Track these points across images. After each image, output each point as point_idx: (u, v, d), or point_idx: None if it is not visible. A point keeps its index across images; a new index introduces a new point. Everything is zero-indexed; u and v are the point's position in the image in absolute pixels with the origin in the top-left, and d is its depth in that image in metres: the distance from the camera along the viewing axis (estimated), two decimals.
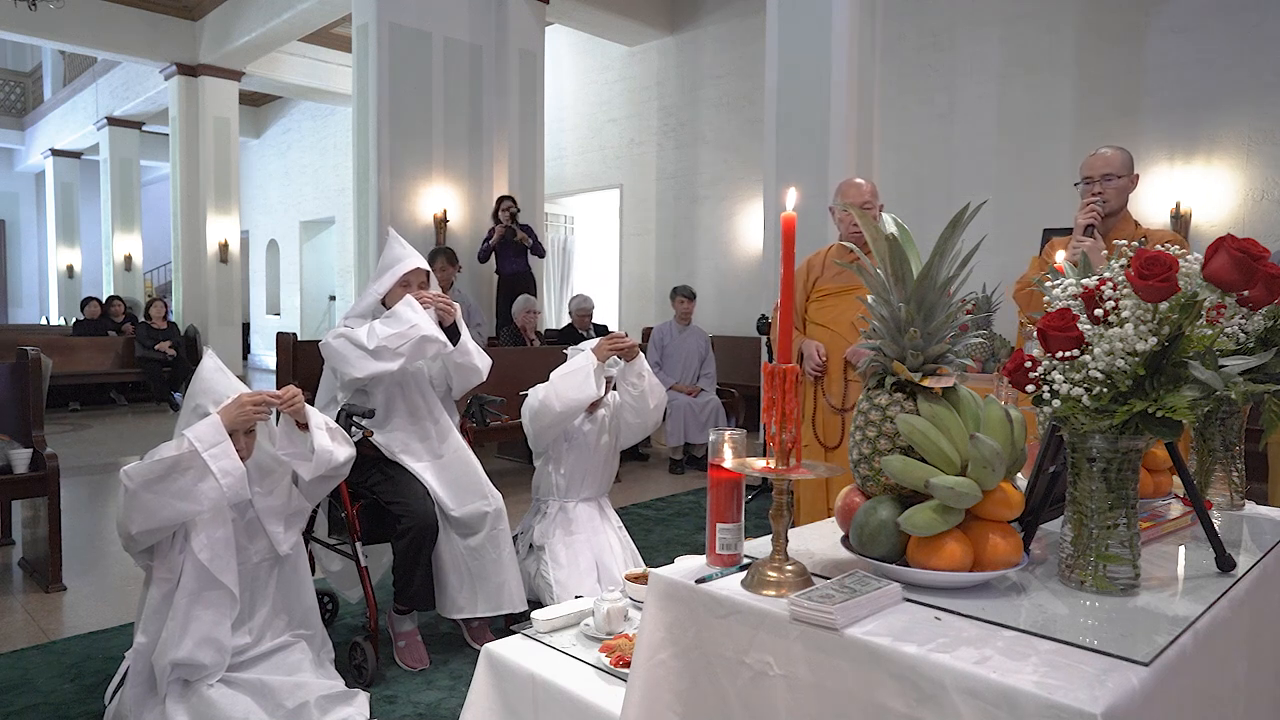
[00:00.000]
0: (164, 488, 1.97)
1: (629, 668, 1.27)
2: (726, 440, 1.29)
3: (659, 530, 4.52)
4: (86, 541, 4.24)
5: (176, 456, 1.98)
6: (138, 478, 1.97)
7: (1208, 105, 5.75)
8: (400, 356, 2.67)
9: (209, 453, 1.99)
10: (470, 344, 2.93)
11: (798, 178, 5.03)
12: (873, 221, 1.21)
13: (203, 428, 2.04)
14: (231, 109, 11.07)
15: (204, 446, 1.99)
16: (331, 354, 2.73)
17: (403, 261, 2.82)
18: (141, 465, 1.99)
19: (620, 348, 3.02)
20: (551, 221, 10.57)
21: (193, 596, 2.08)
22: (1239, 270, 1.21)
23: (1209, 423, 1.66)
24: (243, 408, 2.10)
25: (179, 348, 9.51)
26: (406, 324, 2.67)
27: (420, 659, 2.71)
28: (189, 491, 1.99)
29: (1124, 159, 2.72)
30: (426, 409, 2.89)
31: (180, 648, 2.04)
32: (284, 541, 2.25)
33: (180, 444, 2.02)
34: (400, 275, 2.79)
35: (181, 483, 1.98)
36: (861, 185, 3.10)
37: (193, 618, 2.07)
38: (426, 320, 2.72)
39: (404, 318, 2.69)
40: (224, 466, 2.01)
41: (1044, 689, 0.85)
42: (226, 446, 2.03)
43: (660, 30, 9.13)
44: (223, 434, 2.04)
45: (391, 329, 2.67)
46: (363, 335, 2.67)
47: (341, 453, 2.34)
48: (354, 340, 2.67)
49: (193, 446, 1.99)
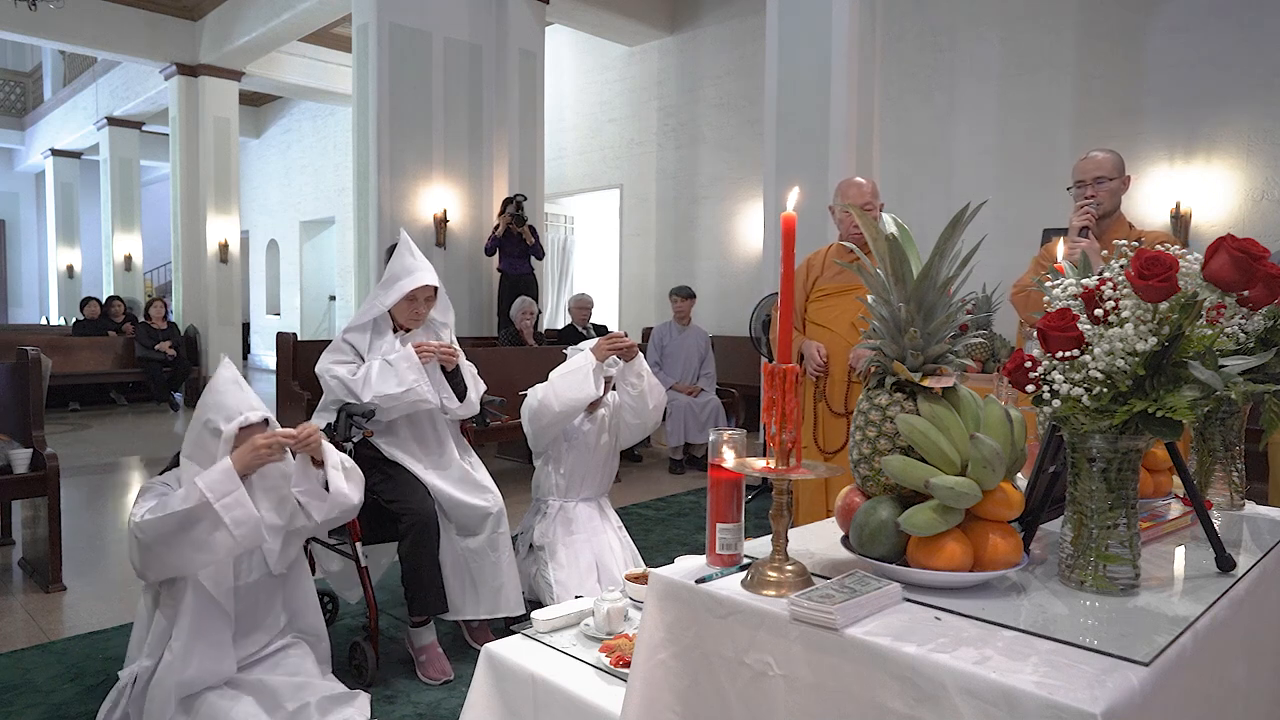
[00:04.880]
0: (177, 540, 1.92)
1: (629, 668, 1.27)
2: (726, 440, 1.29)
3: (659, 530, 4.51)
4: (86, 541, 4.24)
5: (188, 510, 1.90)
6: (150, 532, 1.91)
7: (1208, 105, 5.75)
8: (391, 415, 2.71)
9: (221, 503, 1.92)
10: (472, 394, 2.90)
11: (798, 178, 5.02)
12: (873, 221, 1.21)
13: (215, 476, 1.95)
14: (231, 109, 11.06)
15: (215, 497, 1.92)
16: (327, 389, 2.75)
17: (412, 275, 2.75)
18: (153, 521, 1.92)
19: (619, 348, 3.01)
20: (551, 221, 10.57)
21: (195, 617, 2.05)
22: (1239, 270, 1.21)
23: (1209, 423, 1.66)
24: (256, 451, 2.02)
25: (179, 348, 9.51)
26: (402, 386, 2.65)
27: (444, 670, 2.67)
28: (202, 543, 1.93)
29: (1115, 161, 2.73)
30: (430, 420, 2.88)
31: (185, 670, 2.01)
32: (279, 562, 2.21)
33: (189, 493, 1.94)
34: (408, 291, 2.74)
35: (194, 534, 1.92)
36: (862, 185, 3.09)
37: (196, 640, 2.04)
38: (423, 382, 2.69)
39: (402, 377, 2.66)
40: (237, 517, 1.94)
41: (1044, 689, 0.85)
42: (240, 495, 1.95)
43: (660, 30, 9.13)
44: (235, 482, 1.96)
45: (387, 387, 2.65)
46: (358, 384, 2.66)
47: (355, 496, 2.29)
48: (349, 387, 2.67)
49: (204, 498, 1.91)
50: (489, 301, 7.67)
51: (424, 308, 2.81)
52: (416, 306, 2.79)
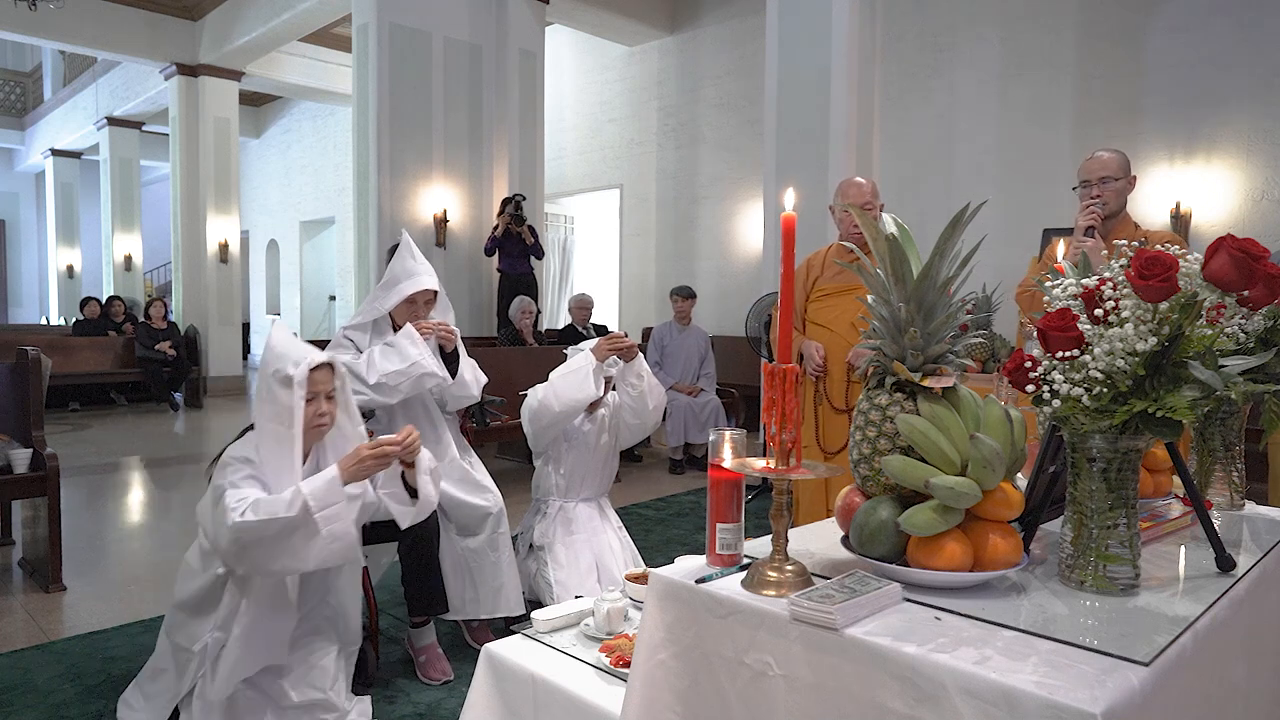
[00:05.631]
0: (272, 545, 1.89)
1: (629, 668, 1.27)
2: (726, 440, 1.29)
3: (659, 530, 4.51)
4: (86, 541, 4.24)
5: (289, 519, 1.87)
6: (250, 535, 1.88)
7: (1208, 105, 5.75)
8: (399, 393, 2.68)
9: (322, 514, 1.89)
10: (468, 374, 2.90)
11: (798, 178, 5.03)
12: (873, 221, 1.21)
13: (320, 486, 1.92)
14: (231, 109, 11.06)
15: (318, 507, 1.89)
16: None
17: (412, 279, 2.75)
18: (255, 524, 1.87)
19: (619, 348, 3.00)
20: (551, 221, 10.57)
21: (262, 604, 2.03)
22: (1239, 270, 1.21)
23: (1209, 423, 1.66)
24: (362, 462, 1.98)
25: (179, 348, 9.50)
26: (406, 360, 2.64)
27: (444, 671, 2.67)
28: (296, 552, 1.90)
29: (1121, 161, 2.73)
30: (428, 419, 2.88)
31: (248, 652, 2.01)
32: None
33: (294, 500, 1.89)
34: (409, 294, 2.74)
35: (291, 542, 1.89)
36: (862, 185, 3.09)
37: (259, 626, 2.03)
38: (427, 355, 2.69)
39: (404, 352, 2.65)
40: (335, 530, 1.91)
41: (1044, 689, 0.85)
42: (342, 509, 1.93)
43: (660, 30, 9.13)
44: (339, 494, 1.93)
45: (391, 364, 2.64)
46: (362, 367, 2.65)
47: (435, 500, 2.26)
48: (354, 371, 2.65)
49: (307, 506, 1.88)
50: (489, 301, 7.67)
51: (423, 310, 2.81)
52: (416, 309, 2.78)
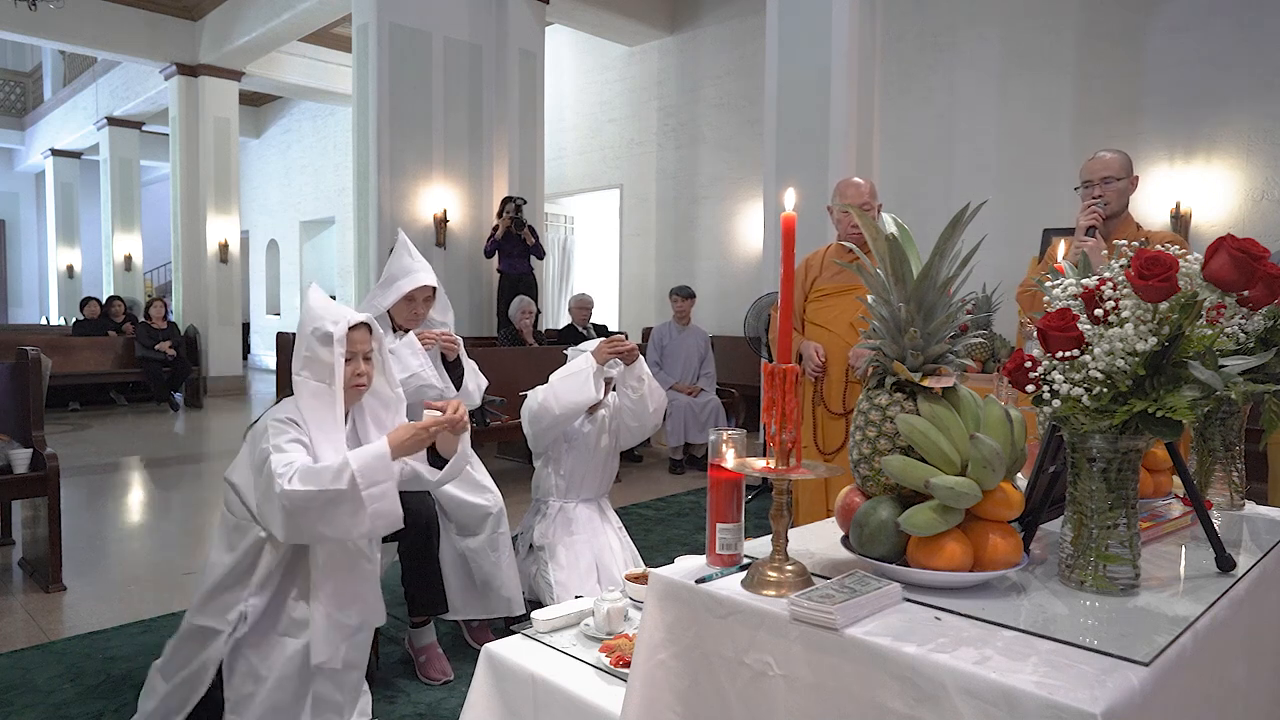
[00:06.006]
0: (318, 516, 1.90)
1: (629, 668, 1.27)
2: (726, 440, 1.29)
3: (659, 530, 4.51)
4: (86, 541, 4.24)
5: (337, 492, 1.87)
6: (297, 503, 1.88)
7: (1208, 105, 5.75)
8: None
9: (368, 491, 1.89)
10: (470, 384, 2.90)
11: (797, 178, 5.03)
12: (872, 221, 1.21)
13: (369, 460, 1.91)
14: (231, 109, 11.06)
15: (365, 484, 1.89)
16: None
17: (410, 276, 2.74)
18: (302, 494, 1.88)
19: (620, 351, 2.99)
20: (551, 221, 10.57)
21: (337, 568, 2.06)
22: (1239, 270, 1.21)
23: (1209, 423, 1.66)
24: (416, 435, 1.99)
25: (179, 348, 9.51)
26: (406, 371, 2.64)
27: (444, 670, 2.67)
28: (340, 524, 1.90)
29: (1123, 161, 2.73)
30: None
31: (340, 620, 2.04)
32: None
33: (341, 471, 1.89)
34: (407, 291, 2.74)
35: (337, 513, 1.89)
36: (860, 185, 3.09)
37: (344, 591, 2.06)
38: (427, 366, 2.70)
39: (405, 363, 2.65)
40: (380, 509, 1.91)
41: (1044, 689, 0.85)
42: (389, 487, 1.92)
43: (660, 30, 9.13)
44: (389, 470, 1.92)
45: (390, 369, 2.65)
46: None
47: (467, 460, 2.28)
48: None
49: (355, 481, 1.87)
50: (489, 301, 7.67)
51: (423, 308, 2.81)
52: (415, 307, 2.78)
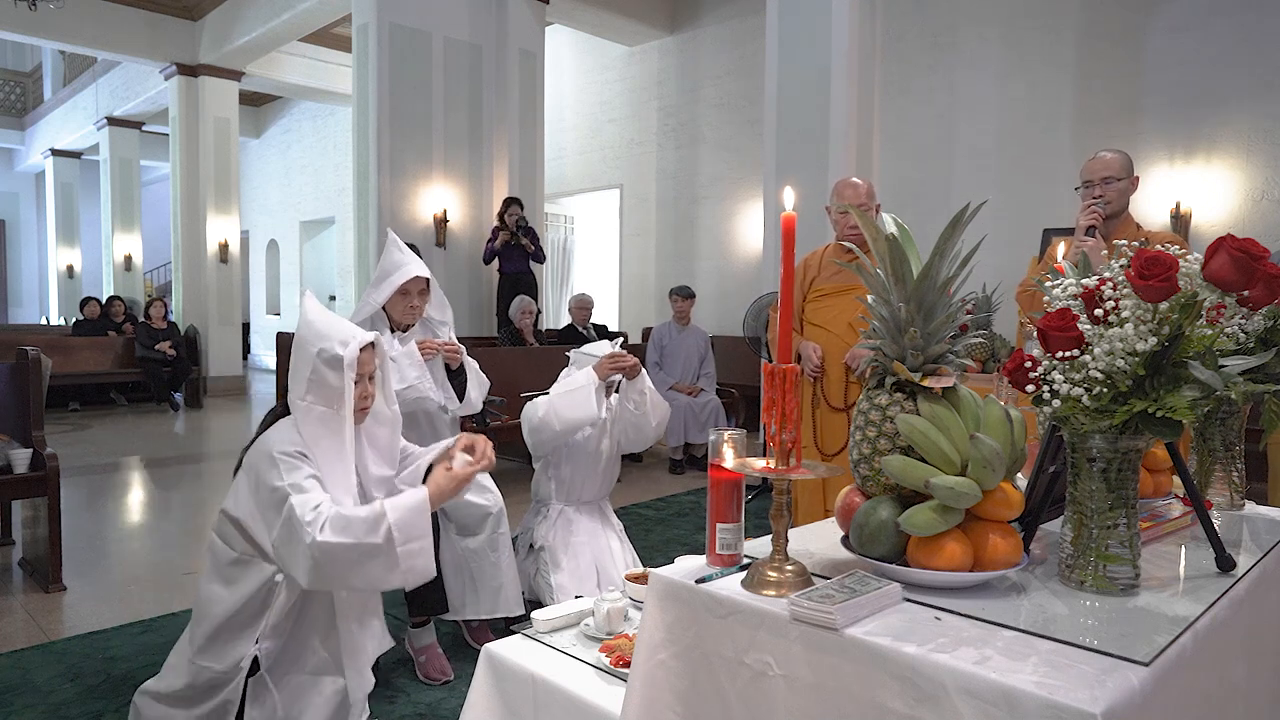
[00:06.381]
0: (349, 568, 1.81)
1: (629, 668, 1.27)
2: (726, 440, 1.29)
3: (659, 530, 4.51)
4: (86, 541, 4.24)
5: (372, 545, 1.78)
6: (328, 554, 1.78)
7: (1208, 105, 5.75)
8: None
9: (404, 548, 1.80)
10: (474, 394, 2.89)
11: (797, 178, 5.03)
12: (872, 221, 1.21)
13: (407, 510, 1.83)
14: (231, 109, 11.06)
15: (402, 539, 1.80)
16: None
17: (401, 269, 2.74)
18: (335, 544, 1.77)
19: (622, 367, 2.93)
20: (551, 221, 10.57)
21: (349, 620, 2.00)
22: (1239, 270, 1.21)
23: (1209, 423, 1.66)
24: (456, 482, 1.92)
25: (179, 348, 9.50)
26: (404, 383, 2.63)
27: (444, 670, 2.67)
28: (372, 578, 1.82)
29: (1123, 161, 2.72)
30: (428, 419, 2.88)
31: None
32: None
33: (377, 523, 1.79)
34: (400, 285, 2.73)
35: (368, 567, 1.81)
36: (858, 185, 3.08)
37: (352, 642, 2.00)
38: (426, 379, 2.70)
39: (404, 374, 2.65)
40: (415, 566, 1.82)
41: (1044, 689, 0.85)
42: (426, 544, 1.85)
43: (660, 30, 9.13)
44: (426, 524, 1.85)
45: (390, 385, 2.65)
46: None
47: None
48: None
49: (391, 537, 1.79)
50: (489, 301, 7.68)
51: (418, 301, 2.79)
52: (410, 300, 2.77)
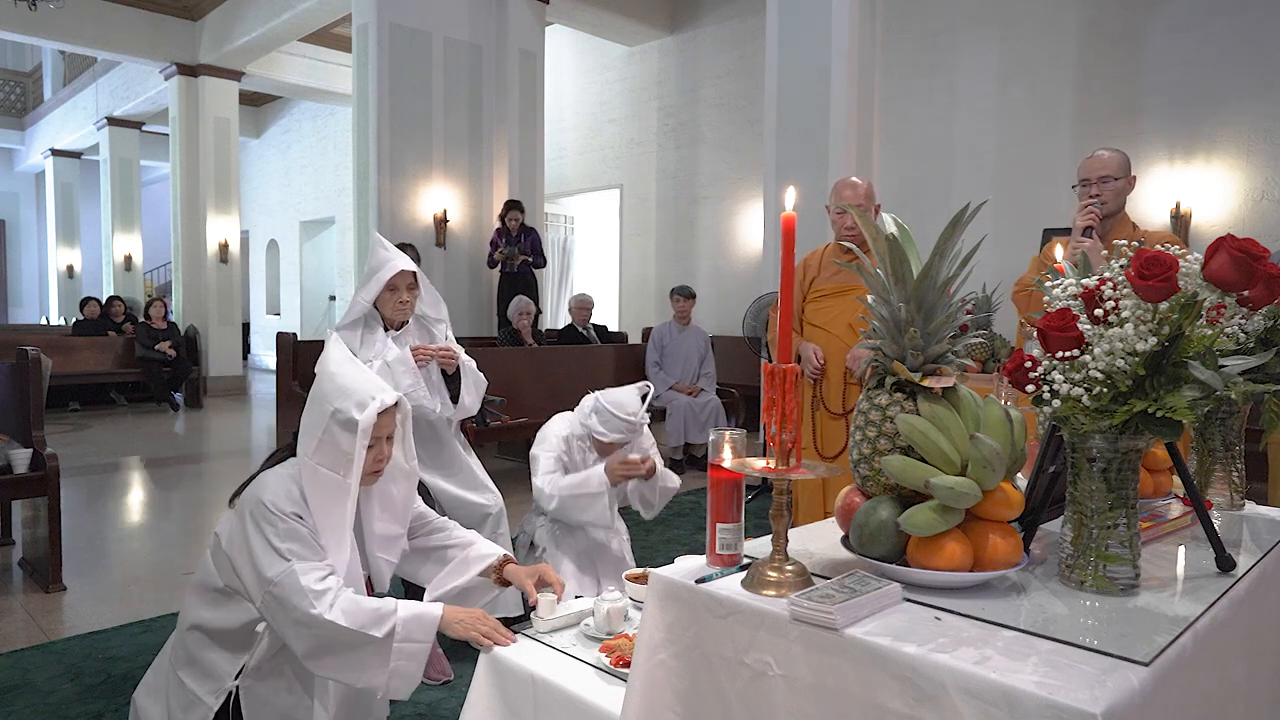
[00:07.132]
0: (342, 654, 1.72)
1: (629, 668, 1.27)
2: (726, 440, 1.29)
3: (659, 530, 4.51)
4: (86, 541, 4.24)
5: (367, 637, 1.69)
6: (327, 632, 1.69)
7: (1208, 105, 5.75)
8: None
9: (400, 645, 1.72)
10: (468, 399, 2.88)
11: (797, 178, 5.02)
12: (872, 221, 1.21)
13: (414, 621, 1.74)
14: (231, 109, 11.06)
15: (401, 638, 1.72)
16: None
17: (386, 265, 2.74)
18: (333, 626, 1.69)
19: (634, 475, 2.79)
20: (551, 221, 10.57)
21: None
22: (1239, 270, 1.21)
23: (1209, 423, 1.66)
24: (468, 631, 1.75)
25: (179, 348, 9.51)
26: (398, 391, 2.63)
27: (444, 671, 2.66)
28: (356, 668, 1.73)
29: (1121, 161, 2.72)
30: (427, 420, 2.88)
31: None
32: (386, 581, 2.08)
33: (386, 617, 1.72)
34: (386, 280, 2.73)
35: (359, 656, 1.72)
36: (857, 185, 3.07)
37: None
38: (420, 387, 2.71)
39: (398, 381, 2.65)
40: (402, 668, 1.73)
41: (1044, 689, 0.85)
42: (423, 657, 1.76)
43: (660, 30, 9.13)
44: (430, 638, 1.76)
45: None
46: None
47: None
48: None
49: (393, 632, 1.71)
50: (488, 301, 7.68)
51: (407, 295, 2.78)
52: (399, 295, 2.76)
